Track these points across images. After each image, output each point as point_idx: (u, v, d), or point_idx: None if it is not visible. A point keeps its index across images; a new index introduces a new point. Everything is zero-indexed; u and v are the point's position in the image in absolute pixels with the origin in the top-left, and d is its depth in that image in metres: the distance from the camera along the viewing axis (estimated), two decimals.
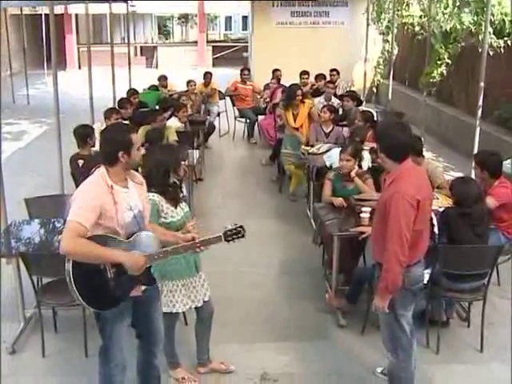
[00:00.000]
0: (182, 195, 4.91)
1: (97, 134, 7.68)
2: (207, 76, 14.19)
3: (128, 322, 4.25)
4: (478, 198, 5.58)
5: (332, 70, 13.43)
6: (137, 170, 4.43)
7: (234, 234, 4.24)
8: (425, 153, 7.14)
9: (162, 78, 13.89)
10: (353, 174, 6.67)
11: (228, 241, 4.25)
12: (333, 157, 7.85)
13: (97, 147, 7.67)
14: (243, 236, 4.28)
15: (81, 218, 3.75)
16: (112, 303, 4.01)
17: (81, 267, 3.80)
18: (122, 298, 4.01)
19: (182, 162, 5.08)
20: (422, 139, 7.39)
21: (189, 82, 13.21)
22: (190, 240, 4.30)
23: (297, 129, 9.57)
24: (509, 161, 8.05)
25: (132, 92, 11.51)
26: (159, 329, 4.48)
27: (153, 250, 4.07)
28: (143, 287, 4.17)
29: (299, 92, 9.78)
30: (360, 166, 6.87)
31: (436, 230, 5.50)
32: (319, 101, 11.29)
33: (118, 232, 3.94)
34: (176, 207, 4.75)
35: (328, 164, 7.85)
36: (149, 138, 7.67)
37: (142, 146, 4.12)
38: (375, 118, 9.40)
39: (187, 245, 4.25)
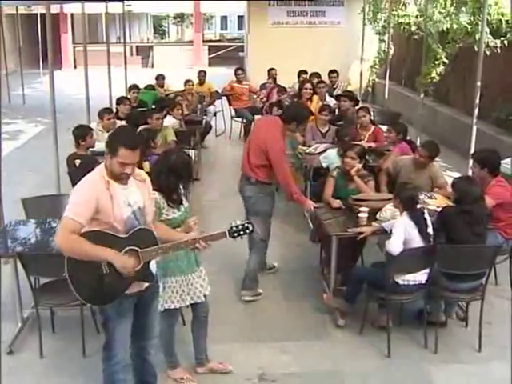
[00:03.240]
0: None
1: (94, 134, 7.69)
2: (201, 74, 14.27)
3: (130, 321, 4.24)
4: (479, 198, 5.58)
5: (331, 72, 13.41)
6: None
7: (241, 230, 4.31)
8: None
9: (160, 77, 13.90)
10: (353, 172, 6.65)
11: (234, 237, 4.31)
12: (329, 158, 7.85)
13: (96, 147, 7.69)
14: (251, 232, 4.39)
15: (75, 213, 3.79)
16: (106, 298, 4.02)
17: (76, 260, 3.84)
18: (117, 293, 4.00)
19: None
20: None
21: (187, 82, 13.19)
22: (193, 239, 4.30)
23: None
24: (507, 160, 8.05)
25: (132, 87, 11.68)
26: (153, 325, 4.47)
27: (151, 245, 4.06)
28: (146, 284, 4.17)
29: (308, 85, 9.91)
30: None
31: (430, 230, 5.51)
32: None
33: (116, 227, 3.94)
34: (178, 206, 4.75)
35: (325, 165, 7.83)
36: None
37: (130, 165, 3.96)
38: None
39: (189, 241, 4.25)
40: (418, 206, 5.65)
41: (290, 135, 9.29)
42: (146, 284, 4.18)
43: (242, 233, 4.32)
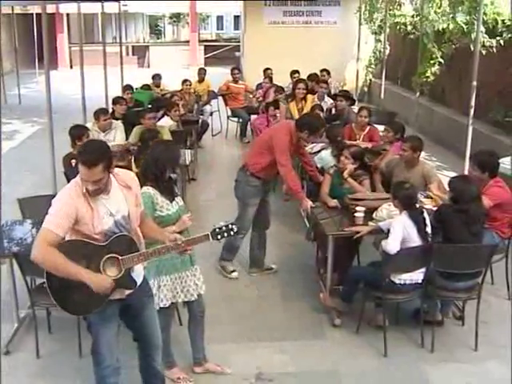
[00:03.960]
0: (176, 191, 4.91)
1: (90, 134, 7.69)
2: (201, 72, 14.34)
3: (115, 326, 4.22)
4: (476, 197, 5.58)
5: (322, 71, 13.45)
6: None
7: (225, 232, 4.25)
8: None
9: (157, 77, 13.93)
10: (345, 174, 6.67)
11: (217, 239, 4.26)
12: (324, 159, 7.86)
13: None
14: (236, 233, 4.33)
15: (53, 225, 3.74)
16: (90, 308, 3.99)
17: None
18: (100, 302, 3.96)
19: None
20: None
21: (184, 82, 13.20)
22: (172, 240, 4.19)
23: None
24: (504, 160, 8.04)
25: (126, 87, 11.67)
26: (154, 333, 4.42)
27: (131, 251, 4.01)
28: (127, 291, 4.12)
29: (301, 85, 10.02)
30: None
31: (428, 229, 5.51)
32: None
33: (96, 238, 3.88)
34: (172, 202, 4.74)
35: (319, 166, 7.84)
36: (142, 137, 7.70)
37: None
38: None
39: (170, 245, 4.17)
40: (417, 205, 5.66)
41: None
42: (128, 291, 4.12)
43: (225, 234, 4.25)
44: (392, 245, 5.33)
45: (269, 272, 7.13)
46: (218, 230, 4.24)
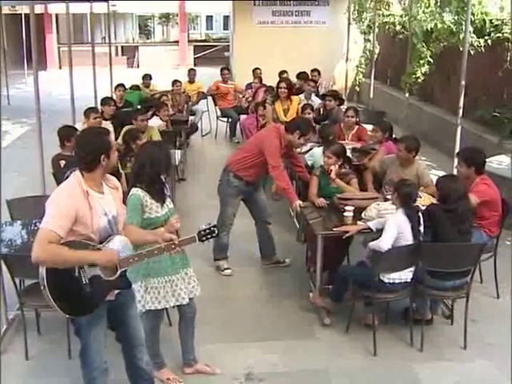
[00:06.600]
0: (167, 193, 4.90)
1: None
2: (191, 73, 14.32)
3: (104, 328, 4.22)
4: (463, 196, 5.62)
5: (313, 71, 13.46)
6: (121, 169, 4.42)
7: (208, 234, 4.32)
8: None
9: (147, 77, 13.88)
10: (332, 175, 6.67)
11: (202, 241, 4.33)
12: (315, 156, 7.86)
13: None
14: (217, 235, 4.40)
15: (54, 226, 3.71)
16: (87, 309, 3.98)
17: (55, 273, 3.78)
18: (97, 303, 3.98)
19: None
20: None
21: (174, 82, 13.15)
22: (168, 240, 4.25)
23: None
24: (495, 158, 8.08)
25: (118, 85, 11.71)
26: (138, 332, 4.42)
27: (127, 253, 4.05)
28: (116, 291, 4.14)
29: (282, 84, 10.05)
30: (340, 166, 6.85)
31: (421, 228, 5.53)
32: (300, 98, 11.29)
33: (92, 238, 3.90)
34: (162, 205, 4.73)
35: (310, 163, 7.86)
36: (123, 139, 7.70)
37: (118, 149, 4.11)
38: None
39: (162, 247, 4.21)
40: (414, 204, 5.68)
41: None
42: (116, 291, 4.14)
43: (209, 236, 4.33)
44: (385, 242, 5.35)
45: (281, 265, 7.25)
46: (202, 232, 4.31)
